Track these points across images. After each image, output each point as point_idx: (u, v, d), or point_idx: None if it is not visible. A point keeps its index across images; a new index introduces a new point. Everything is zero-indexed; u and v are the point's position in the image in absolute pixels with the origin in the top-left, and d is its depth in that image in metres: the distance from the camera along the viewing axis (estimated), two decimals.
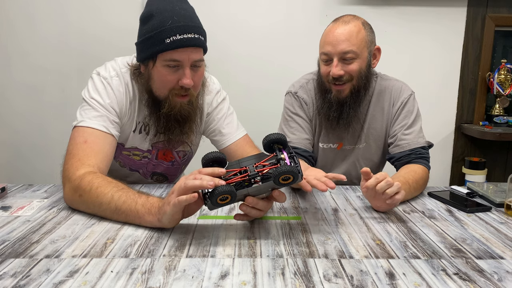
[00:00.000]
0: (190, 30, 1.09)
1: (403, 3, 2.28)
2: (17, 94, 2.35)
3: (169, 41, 1.07)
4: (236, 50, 2.31)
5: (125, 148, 1.28)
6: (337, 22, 1.28)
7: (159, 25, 1.07)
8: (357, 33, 1.26)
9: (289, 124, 1.40)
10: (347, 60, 1.26)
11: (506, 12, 2.31)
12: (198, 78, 1.17)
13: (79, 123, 1.12)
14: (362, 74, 1.30)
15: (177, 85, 1.14)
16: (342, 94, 1.31)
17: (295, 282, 0.71)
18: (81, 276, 0.72)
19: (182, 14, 1.09)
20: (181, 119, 1.19)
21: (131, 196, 0.93)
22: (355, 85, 1.30)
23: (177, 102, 1.16)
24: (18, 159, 2.43)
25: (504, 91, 2.31)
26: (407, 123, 1.36)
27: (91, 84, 1.17)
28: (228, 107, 1.35)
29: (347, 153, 1.44)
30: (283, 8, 2.28)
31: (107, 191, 0.95)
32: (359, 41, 1.26)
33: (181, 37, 1.07)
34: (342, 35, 1.25)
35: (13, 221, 0.97)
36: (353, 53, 1.25)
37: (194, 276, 0.72)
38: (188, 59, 1.10)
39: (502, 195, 1.17)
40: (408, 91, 1.39)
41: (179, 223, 0.93)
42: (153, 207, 0.90)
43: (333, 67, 1.26)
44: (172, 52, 1.08)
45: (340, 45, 1.24)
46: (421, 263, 0.79)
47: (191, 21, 1.10)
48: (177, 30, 1.07)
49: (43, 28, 2.28)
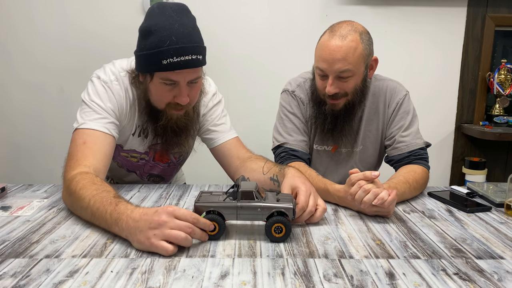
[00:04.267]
0: (187, 52, 1.07)
1: (403, 3, 2.28)
2: (18, 92, 2.35)
3: (166, 63, 1.06)
4: (235, 50, 2.31)
5: (123, 149, 1.29)
6: (334, 35, 1.21)
7: (157, 44, 1.06)
8: (354, 50, 1.20)
9: (285, 123, 1.39)
10: (343, 78, 1.24)
11: (506, 12, 2.31)
12: (195, 93, 1.18)
13: (80, 126, 1.12)
14: (358, 89, 1.28)
15: (173, 101, 1.14)
16: (337, 107, 1.30)
17: (295, 282, 0.71)
18: (81, 276, 0.72)
19: (181, 32, 1.06)
20: (178, 130, 1.21)
21: (103, 203, 0.90)
22: (350, 100, 1.29)
23: (173, 114, 1.17)
24: (18, 159, 2.43)
25: (504, 91, 2.31)
26: (404, 125, 1.34)
27: (92, 87, 1.18)
28: (222, 109, 1.35)
29: (344, 156, 1.43)
30: (283, 8, 2.28)
31: (86, 195, 0.94)
32: (356, 59, 1.21)
33: (178, 59, 1.06)
34: (338, 53, 1.19)
35: (13, 221, 0.97)
36: (349, 71, 1.22)
37: (194, 276, 0.72)
38: (184, 80, 1.11)
39: (502, 195, 1.17)
40: (403, 91, 1.38)
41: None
42: (119, 219, 0.85)
43: (328, 86, 1.24)
44: (168, 73, 1.08)
45: (336, 64, 1.20)
46: (421, 263, 0.79)
47: (190, 41, 1.08)
48: (174, 53, 1.05)
49: (44, 26, 2.28)
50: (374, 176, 1.02)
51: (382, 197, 0.98)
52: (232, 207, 0.88)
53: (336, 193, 1.11)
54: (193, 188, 1.28)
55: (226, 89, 2.29)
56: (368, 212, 1.04)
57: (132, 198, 1.16)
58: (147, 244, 0.80)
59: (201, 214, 0.88)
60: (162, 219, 0.80)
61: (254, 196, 0.88)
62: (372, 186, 1.01)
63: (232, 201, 0.88)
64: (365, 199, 0.99)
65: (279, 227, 0.87)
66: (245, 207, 0.87)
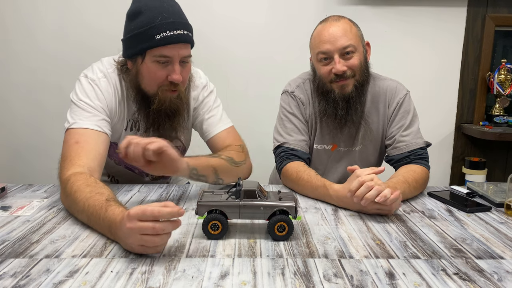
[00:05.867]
0: (179, 27, 1.11)
1: (403, 3, 2.28)
2: (15, 94, 2.35)
3: (159, 37, 1.08)
4: (235, 50, 2.31)
5: (118, 147, 1.28)
6: (327, 22, 1.30)
7: (148, 21, 1.09)
8: (350, 28, 1.28)
9: (285, 124, 1.39)
10: (348, 54, 1.27)
11: (506, 12, 2.31)
12: (186, 73, 1.20)
13: (71, 126, 1.12)
14: (363, 67, 1.31)
15: (166, 81, 1.15)
16: (346, 89, 1.30)
17: (295, 282, 0.71)
18: (81, 276, 0.72)
19: (170, 10, 1.11)
20: (171, 113, 1.21)
21: (96, 208, 0.89)
22: (359, 80, 1.30)
23: (166, 97, 1.17)
24: (17, 159, 2.43)
25: (504, 91, 2.31)
26: (404, 124, 1.34)
27: (79, 87, 1.18)
28: (214, 100, 1.35)
29: (342, 155, 1.43)
30: (282, 8, 2.28)
31: (80, 198, 0.93)
32: (354, 36, 1.28)
33: (171, 33, 1.09)
34: (338, 32, 1.26)
35: (13, 221, 0.97)
36: (352, 46, 1.26)
37: (194, 276, 0.72)
38: (177, 55, 1.12)
39: (502, 195, 1.17)
40: (403, 91, 1.38)
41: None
42: (110, 226, 0.84)
43: (336, 64, 1.26)
44: (162, 48, 1.10)
45: (339, 41, 1.25)
46: (421, 263, 0.79)
47: (180, 18, 1.12)
48: (167, 27, 1.09)
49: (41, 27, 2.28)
50: (381, 170, 1.05)
51: (385, 194, 0.98)
52: (235, 206, 0.88)
53: (335, 193, 1.11)
54: (193, 188, 1.28)
55: (226, 90, 2.29)
56: (369, 209, 1.03)
57: (132, 198, 1.16)
58: (136, 251, 0.80)
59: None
60: (127, 226, 0.77)
61: (257, 195, 0.88)
62: (375, 182, 1.00)
63: (234, 200, 0.88)
64: (367, 196, 0.99)
65: (281, 226, 0.87)
66: (248, 206, 0.88)
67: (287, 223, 0.87)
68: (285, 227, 0.87)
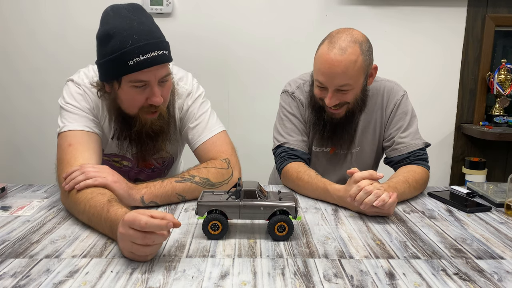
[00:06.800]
0: (152, 48, 1.03)
1: (403, 3, 2.28)
2: (18, 94, 2.35)
3: (132, 63, 1.01)
4: (235, 50, 2.31)
5: (104, 154, 1.26)
6: (333, 47, 1.17)
7: (119, 46, 1.01)
8: (354, 64, 1.17)
9: (285, 124, 1.38)
10: (342, 90, 1.22)
11: (506, 12, 2.31)
12: (167, 92, 1.14)
13: (61, 130, 1.12)
14: (358, 98, 1.27)
15: (146, 103, 1.10)
16: (337, 116, 1.30)
17: (295, 282, 0.71)
18: (81, 276, 0.72)
19: (141, 30, 1.02)
20: (153, 134, 1.17)
21: (97, 209, 0.89)
22: (350, 108, 1.29)
23: (147, 119, 1.13)
24: (17, 159, 2.43)
25: (504, 91, 2.31)
26: (402, 125, 1.34)
27: (66, 91, 1.17)
28: (199, 107, 1.26)
29: (340, 157, 1.42)
30: (282, 8, 2.28)
31: (82, 199, 0.94)
32: (356, 73, 1.19)
33: (144, 57, 1.01)
34: (338, 68, 1.16)
35: (13, 221, 0.97)
36: (349, 85, 1.20)
37: (194, 276, 0.72)
38: (154, 78, 1.06)
39: (502, 195, 1.17)
40: (400, 92, 1.37)
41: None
42: (112, 228, 0.84)
43: (328, 99, 1.23)
44: (137, 73, 1.04)
45: (336, 79, 1.18)
46: (421, 263, 0.79)
47: (152, 37, 1.04)
48: (139, 51, 1.01)
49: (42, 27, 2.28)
50: (379, 176, 1.04)
51: (383, 198, 0.98)
52: (235, 206, 0.88)
53: (336, 193, 1.11)
54: None
55: (226, 90, 2.29)
56: (368, 212, 1.04)
57: None
58: (126, 255, 0.79)
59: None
60: (119, 230, 0.77)
61: (257, 195, 0.88)
62: (374, 187, 1.01)
63: (234, 200, 0.88)
64: (366, 201, 1.00)
65: (282, 226, 0.87)
66: (248, 206, 0.88)
67: (287, 223, 0.87)
68: (285, 227, 0.87)
